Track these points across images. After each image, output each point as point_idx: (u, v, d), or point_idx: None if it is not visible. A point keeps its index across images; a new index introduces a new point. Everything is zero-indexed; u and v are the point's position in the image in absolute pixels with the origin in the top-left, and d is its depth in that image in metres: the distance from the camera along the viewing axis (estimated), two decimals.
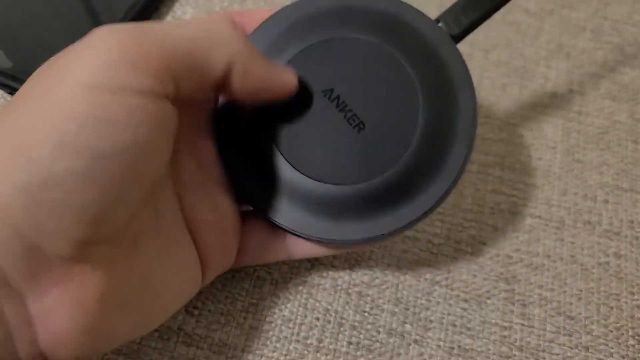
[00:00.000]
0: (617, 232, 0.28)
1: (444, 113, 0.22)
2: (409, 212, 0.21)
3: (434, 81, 0.22)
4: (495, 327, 0.26)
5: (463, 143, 0.22)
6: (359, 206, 0.21)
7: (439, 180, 0.21)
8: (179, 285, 0.21)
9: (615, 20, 0.35)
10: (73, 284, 0.17)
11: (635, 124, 0.31)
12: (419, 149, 0.21)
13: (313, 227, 0.22)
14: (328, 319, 0.25)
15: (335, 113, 0.22)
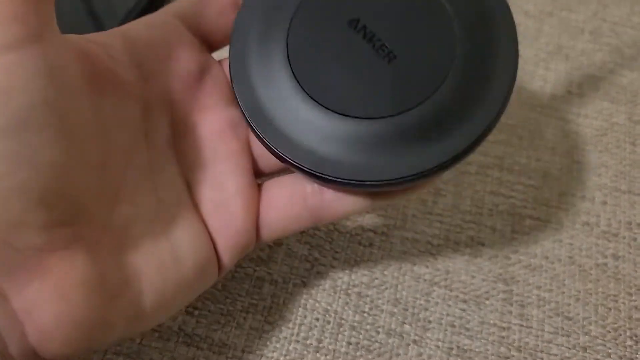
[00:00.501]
0: (615, 233, 0.28)
1: (482, 46, 0.20)
2: (454, 145, 0.19)
3: (469, 9, 0.20)
4: (493, 327, 0.26)
5: (505, 74, 0.19)
6: (395, 141, 0.19)
7: (484, 109, 0.19)
8: (183, 276, 0.20)
9: (614, 23, 0.35)
10: (52, 274, 0.16)
11: (634, 126, 0.32)
12: (457, 80, 0.19)
13: (342, 168, 0.19)
14: (327, 320, 0.25)
15: (362, 44, 0.20)
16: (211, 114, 0.22)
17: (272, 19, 0.21)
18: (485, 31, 0.20)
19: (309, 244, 0.27)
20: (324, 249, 0.27)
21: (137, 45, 0.20)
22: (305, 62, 0.20)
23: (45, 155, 0.15)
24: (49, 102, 0.15)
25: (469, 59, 0.19)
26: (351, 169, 0.19)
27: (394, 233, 0.28)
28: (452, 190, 0.29)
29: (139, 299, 0.18)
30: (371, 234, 0.28)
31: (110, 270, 0.18)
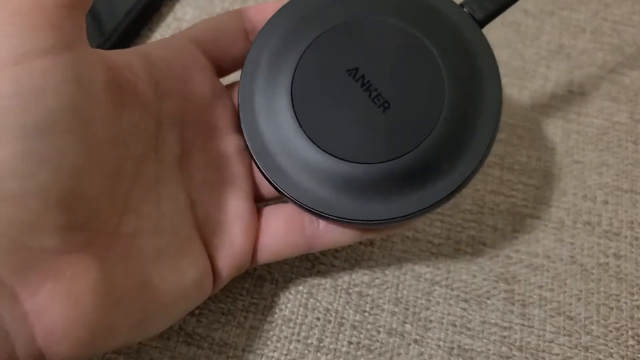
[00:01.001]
0: (616, 232, 0.28)
1: (469, 95, 0.22)
2: (435, 192, 0.21)
3: (459, 63, 0.22)
4: (495, 327, 0.26)
5: (489, 123, 0.21)
6: (384, 186, 0.21)
7: (466, 159, 0.21)
8: (182, 288, 0.20)
9: (615, 22, 0.35)
10: (65, 278, 0.16)
11: (635, 124, 0.31)
12: (445, 129, 0.21)
13: (336, 207, 0.21)
14: (328, 319, 0.25)
15: (360, 92, 0.21)
16: (219, 138, 0.23)
17: (279, 62, 0.22)
18: (473, 83, 0.22)
19: None
20: None
21: (155, 64, 0.21)
22: (307, 107, 0.21)
23: (68, 158, 0.16)
24: (75, 107, 0.16)
25: (456, 109, 0.21)
26: (344, 208, 0.21)
27: (394, 232, 0.28)
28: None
29: (142, 306, 0.19)
30: None
31: (118, 276, 0.18)
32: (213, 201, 0.22)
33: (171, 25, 0.32)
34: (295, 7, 0.23)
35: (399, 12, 0.22)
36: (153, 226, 0.20)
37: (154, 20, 0.32)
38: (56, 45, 0.16)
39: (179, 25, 0.32)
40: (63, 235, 0.16)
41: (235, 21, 0.24)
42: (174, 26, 0.32)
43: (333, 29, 0.22)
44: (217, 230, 0.22)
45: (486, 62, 0.22)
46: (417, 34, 0.22)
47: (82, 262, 0.17)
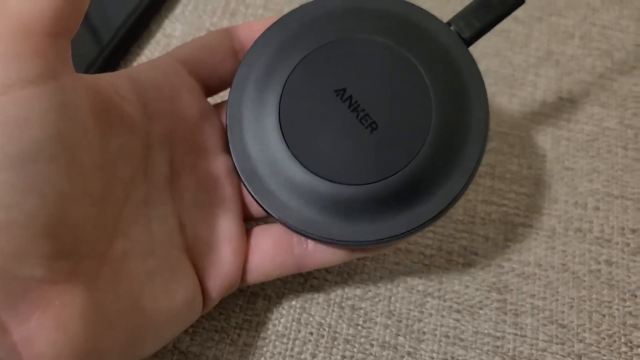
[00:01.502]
0: (608, 239, 0.28)
1: (456, 115, 0.22)
2: (423, 212, 0.21)
3: (446, 83, 0.22)
4: (488, 337, 0.26)
5: (477, 141, 0.22)
6: (372, 206, 0.21)
7: (453, 179, 0.21)
8: (173, 309, 0.20)
9: (604, 26, 0.35)
10: (53, 306, 0.16)
11: (625, 129, 0.32)
12: (432, 149, 0.21)
13: (325, 228, 0.21)
14: (322, 333, 0.26)
15: (347, 113, 0.21)
16: (208, 158, 0.23)
17: (266, 82, 0.22)
18: (460, 102, 0.22)
19: None
20: None
21: (143, 86, 0.21)
22: (295, 128, 0.21)
23: (53, 186, 0.16)
24: (60, 135, 0.16)
25: (443, 129, 0.21)
26: (332, 229, 0.21)
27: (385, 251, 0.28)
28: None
29: (133, 329, 0.19)
30: None
31: (107, 301, 0.18)
32: (203, 222, 0.22)
33: (160, 42, 0.32)
34: (283, 26, 0.23)
35: (386, 31, 0.22)
36: (143, 248, 0.20)
37: (144, 37, 0.32)
38: (41, 74, 0.16)
39: (168, 42, 0.32)
40: (50, 264, 0.16)
41: (223, 40, 0.24)
42: (164, 42, 0.32)
43: (320, 49, 0.22)
44: (206, 251, 0.22)
45: (473, 80, 0.22)
46: (404, 53, 0.22)
47: (70, 290, 0.17)
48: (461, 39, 0.23)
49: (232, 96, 0.23)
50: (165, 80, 0.22)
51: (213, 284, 0.22)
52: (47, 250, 0.16)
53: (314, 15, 0.23)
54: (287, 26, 0.23)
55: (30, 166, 0.15)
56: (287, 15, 0.23)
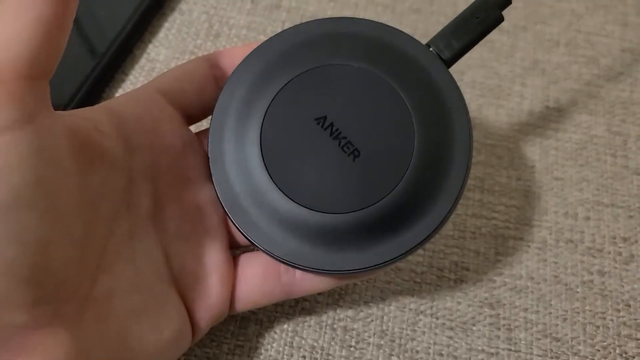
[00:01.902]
0: (599, 249, 0.28)
1: (439, 138, 0.22)
2: (409, 239, 0.21)
3: (427, 106, 0.22)
4: (482, 353, 0.26)
5: (460, 166, 0.22)
6: (357, 234, 0.21)
7: (438, 205, 0.21)
8: (161, 344, 0.20)
9: (589, 33, 0.35)
10: (37, 353, 0.16)
11: (613, 137, 0.31)
12: (416, 175, 0.21)
13: (311, 258, 0.21)
14: (315, 357, 0.25)
15: (329, 141, 0.21)
16: (192, 188, 0.23)
17: (247, 112, 0.22)
18: (442, 126, 0.22)
19: None
20: None
21: (123, 118, 0.21)
22: (277, 157, 0.21)
23: (33, 233, 0.16)
24: (39, 181, 0.16)
25: (426, 154, 0.21)
26: (318, 258, 0.21)
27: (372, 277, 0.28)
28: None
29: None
30: None
31: (93, 342, 0.18)
32: (189, 253, 0.22)
33: (145, 66, 0.32)
34: (262, 54, 0.23)
35: (365, 56, 0.22)
36: (128, 284, 0.20)
37: (127, 62, 0.32)
38: (18, 119, 0.16)
39: (152, 66, 0.32)
40: (32, 310, 0.16)
41: (202, 69, 0.23)
42: (148, 67, 0.32)
43: (299, 77, 0.22)
44: (193, 283, 0.22)
45: (454, 102, 0.22)
46: (384, 77, 0.22)
47: (53, 334, 0.17)
48: (441, 60, 0.23)
49: (213, 126, 0.22)
50: (145, 112, 0.22)
51: (202, 315, 0.22)
52: (29, 297, 0.16)
53: (292, 42, 0.23)
54: (267, 54, 0.23)
55: (10, 214, 0.15)
56: (266, 43, 0.23)
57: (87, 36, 0.32)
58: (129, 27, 0.32)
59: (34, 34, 0.16)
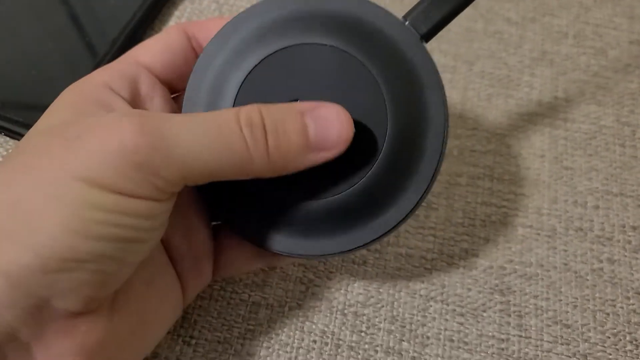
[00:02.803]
0: (609, 237, 0.28)
1: (413, 120, 0.21)
2: (381, 224, 0.21)
3: (401, 86, 0.21)
4: (492, 339, 0.26)
5: (434, 151, 0.21)
6: (330, 220, 0.21)
7: (411, 189, 0.21)
8: (166, 311, 0.21)
9: (597, 25, 0.35)
10: (78, 334, 0.17)
11: (622, 127, 0.32)
12: (389, 159, 0.21)
13: (284, 243, 0.21)
14: (325, 341, 0.25)
15: None
16: None
17: (218, 93, 0.21)
18: (416, 106, 0.21)
19: (303, 266, 0.27)
20: (318, 270, 0.27)
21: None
22: None
23: (136, 258, 0.18)
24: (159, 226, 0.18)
25: (399, 140, 0.21)
26: (289, 244, 0.21)
27: (387, 250, 0.28)
28: (444, 203, 0.29)
29: (138, 341, 0.20)
30: (365, 251, 0.28)
31: (122, 323, 0.19)
32: (175, 227, 0.22)
33: None
34: (235, 31, 0.22)
35: (337, 34, 0.21)
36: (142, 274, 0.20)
37: None
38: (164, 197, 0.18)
39: None
40: (89, 302, 0.17)
41: (182, 41, 0.23)
42: None
43: (270, 57, 0.21)
44: (181, 256, 0.22)
45: (430, 81, 0.21)
46: (357, 57, 0.21)
47: (94, 318, 0.17)
48: (418, 35, 0.22)
49: (186, 106, 0.22)
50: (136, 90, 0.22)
51: (187, 285, 0.22)
52: (94, 294, 0.17)
53: (264, 19, 0.22)
54: (239, 31, 0.22)
55: (123, 244, 0.17)
56: (238, 18, 0.22)
57: (99, 23, 0.32)
58: (140, 15, 0.32)
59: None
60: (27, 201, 0.16)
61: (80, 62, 0.31)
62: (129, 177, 0.16)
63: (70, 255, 0.16)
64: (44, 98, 0.29)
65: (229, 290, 0.26)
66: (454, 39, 0.34)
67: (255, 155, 0.18)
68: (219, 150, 0.17)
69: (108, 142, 0.16)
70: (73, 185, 0.16)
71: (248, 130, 0.18)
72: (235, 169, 0.18)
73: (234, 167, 0.18)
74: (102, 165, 0.16)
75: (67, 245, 0.16)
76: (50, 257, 0.15)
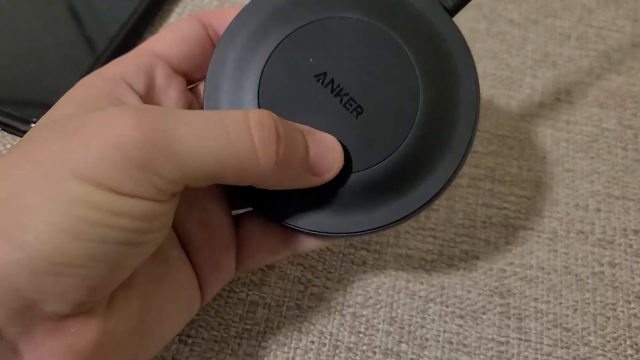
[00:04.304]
0: (610, 240, 0.28)
1: (445, 91, 0.21)
2: (415, 199, 0.20)
3: (431, 58, 0.21)
4: (492, 342, 0.26)
5: (467, 122, 0.20)
6: (362, 195, 0.20)
7: (444, 163, 0.20)
8: (176, 309, 0.20)
9: (600, 27, 0.35)
10: (69, 335, 0.16)
11: (624, 130, 0.31)
12: (421, 131, 0.20)
13: (316, 222, 0.20)
14: (323, 342, 0.25)
15: (330, 98, 0.20)
16: None
17: (243, 73, 0.21)
18: (448, 79, 0.21)
19: (301, 266, 0.27)
20: (317, 269, 0.27)
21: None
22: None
23: (129, 262, 0.17)
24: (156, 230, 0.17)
25: (431, 112, 0.20)
26: (319, 221, 0.20)
27: (387, 250, 0.28)
28: (445, 204, 0.29)
29: (141, 340, 0.19)
30: (364, 252, 0.27)
31: (117, 320, 0.18)
32: (192, 218, 0.21)
33: None
34: (255, 11, 0.21)
35: (364, 8, 0.21)
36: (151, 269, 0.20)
37: None
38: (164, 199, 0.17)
39: None
40: (78, 305, 0.16)
41: (198, 30, 0.22)
42: None
43: (296, 32, 0.21)
44: (199, 248, 0.21)
45: (460, 54, 0.21)
46: (385, 29, 0.21)
47: (88, 319, 0.17)
48: (445, 9, 0.21)
49: (208, 88, 0.21)
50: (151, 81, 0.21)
51: (208, 279, 0.22)
52: (84, 299, 0.16)
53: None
54: (259, 11, 0.21)
55: (115, 247, 0.16)
56: (250, 5, 0.22)
57: (99, 19, 0.32)
58: (140, 11, 0.32)
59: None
60: (19, 196, 0.15)
61: (79, 57, 0.31)
62: (125, 174, 0.16)
63: (59, 258, 0.15)
64: (42, 93, 0.29)
65: (227, 289, 0.26)
66: None
67: (263, 157, 0.17)
68: (224, 150, 0.17)
69: (105, 136, 0.16)
70: (67, 182, 0.15)
71: (259, 131, 0.17)
72: (239, 171, 0.17)
73: (238, 168, 0.17)
74: (98, 161, 0.15)
75: (56, 246, 0.15)
76: (39, 257, 0.15)
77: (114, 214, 0.16)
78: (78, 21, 0.32)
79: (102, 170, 0.15)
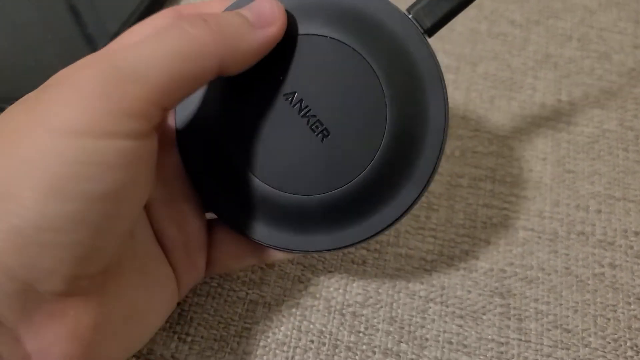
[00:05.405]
0: (611, 242, 0.28)
1: (413, 117, 0.20)
2: (373, 225, 0.21)
3: (402, 82, 0.20)
4: (492, 343, 0.25)
5: (433, 148, 0.20)
6: (324, 216, 0.21)
7: (408, 188, 0.21)
8: (160, 301, 0.21)
9: (601, 29, 0.35)
10: (68, 318, 0.17)
11: (625, 131, 0.31)
12: (386, 157, 0.20)
13: (279, 238, 0.21)
14: (323, 341, 0.25)
15: (298, 119, 0.20)
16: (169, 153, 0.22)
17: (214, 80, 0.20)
18: (417, 104, 0.20)
19: (301, 265, 0.27)
20: (317, 269, 0.27)
21: None
22: (245, 140, 0.21)
23: (110, 223, 0.17)
24: (133, 184, 0.17)
25: (397, 138, 0.20)
26: (282, 239, 0.21)
27: (387, 250, 0.27)
28: (445, 204, 0.29)
29: (133, 329, 0.20)
30: (364, 251, 0.27)
31: (113, 308, 0.18)
32: (169, 218, 0.22)
33: None
34: None
35: (337, 26, 0.20)
36: (130, 249, 0.20)
37: None
38: (141, 133, 0.17)
39: None
40: (72, 282, 0.16)
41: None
42: None
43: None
44: (174, 247, 0.22)
45: (431, 81, 0.21)
46: (356, 50, 0.20)
47: (84, 302, 0.17)
48: (421, 30, 0.21)
49: (179, 107, 0.22)
50: None
51: (181, 278, 0.22)
52: (77, 272, 0.16)
53: None
54: None
55: (99, 204, 0.16)
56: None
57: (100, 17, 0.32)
58: (141, 8, 0.32)
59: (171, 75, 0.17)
60: (2, 169, 0.15)
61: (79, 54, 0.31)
62: (98, 112, 0.16)
63: (44, 222, 0.15)
64: None
65: (226, 288, 0.26)
66: (457, 39, 0.34)
67: (202, 36, 0.18)
68: (172, 50, 0.17)
69: (71, 84, 0.16)
70: (42, 139, 0.15)
71: (187, 22, 0.18)
72: (195, 61, 0.17)
73: (193, 60, 0.17)
74: (64, 107, 0.16)
75: (39, 210, 0.15)
76: (24, 226, 0.15)
77: (90, 163, 0.16)
78: (78, 19, 0.32)
79: (69, 115, 0.16)
